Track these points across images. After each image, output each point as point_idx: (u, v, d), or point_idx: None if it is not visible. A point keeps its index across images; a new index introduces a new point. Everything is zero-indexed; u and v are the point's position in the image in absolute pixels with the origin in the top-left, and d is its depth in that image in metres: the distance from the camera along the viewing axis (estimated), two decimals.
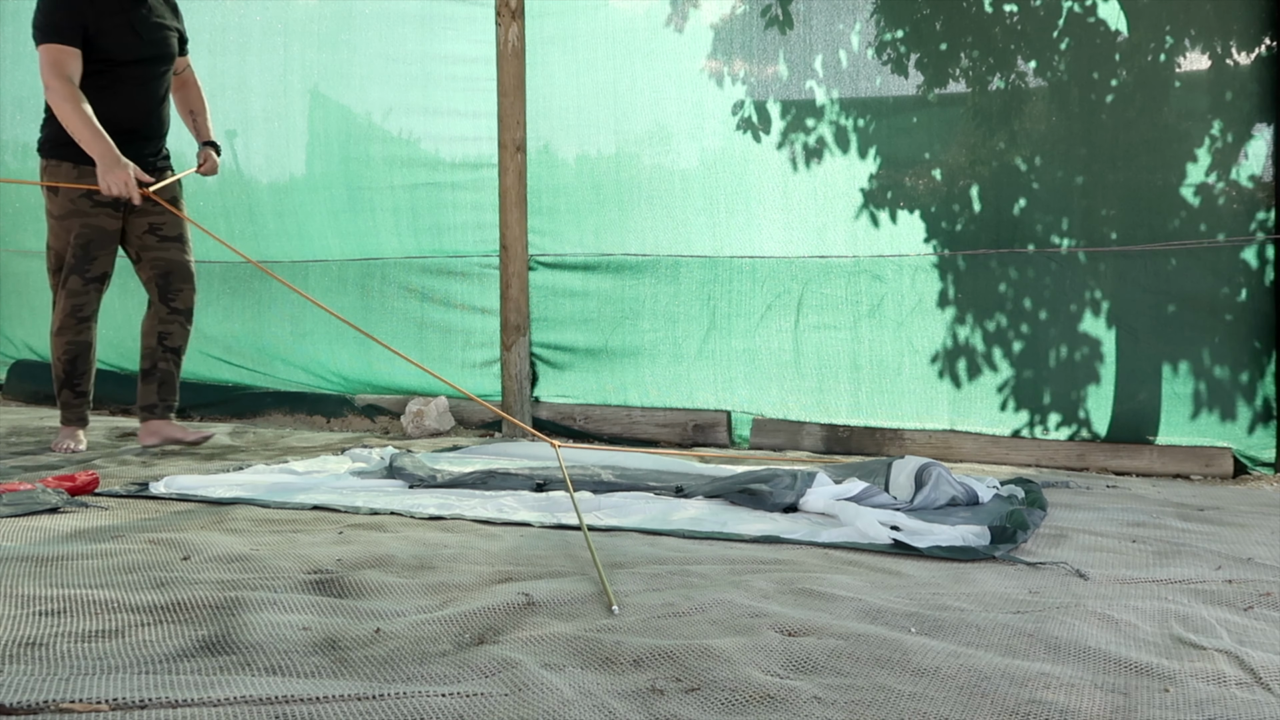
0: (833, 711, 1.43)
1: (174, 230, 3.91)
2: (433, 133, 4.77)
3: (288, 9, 4.96)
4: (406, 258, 4.82)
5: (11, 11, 5.50)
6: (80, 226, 3.74)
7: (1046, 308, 3.97)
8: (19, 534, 2.42)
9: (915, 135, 4.12)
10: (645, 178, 4.47)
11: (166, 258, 3.89)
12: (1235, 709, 1.46)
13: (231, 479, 3.23)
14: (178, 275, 3.91)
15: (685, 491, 3.06)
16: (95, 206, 3.74)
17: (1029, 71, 3.96)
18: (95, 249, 3.77)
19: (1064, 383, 3.95)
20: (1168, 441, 3.81)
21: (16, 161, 5.56)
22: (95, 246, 3.77)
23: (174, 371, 3.97)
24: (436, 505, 2.89)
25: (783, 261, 4.28)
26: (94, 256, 3.78)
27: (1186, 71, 3.78)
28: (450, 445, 4.19)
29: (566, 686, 1.48)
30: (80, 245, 3.75)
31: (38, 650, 1.62)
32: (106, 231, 3.78)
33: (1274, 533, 2.67)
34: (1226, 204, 3.73)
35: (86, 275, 3.78)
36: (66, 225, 3.76)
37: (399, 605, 1.89)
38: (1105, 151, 3.87)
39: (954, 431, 4.07)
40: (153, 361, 3.94)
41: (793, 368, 4.29)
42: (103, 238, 3.78)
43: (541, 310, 4.62)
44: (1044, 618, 1.86)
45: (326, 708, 1.39)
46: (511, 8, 4.49)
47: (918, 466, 2.95)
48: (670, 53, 4.41)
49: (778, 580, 2.09)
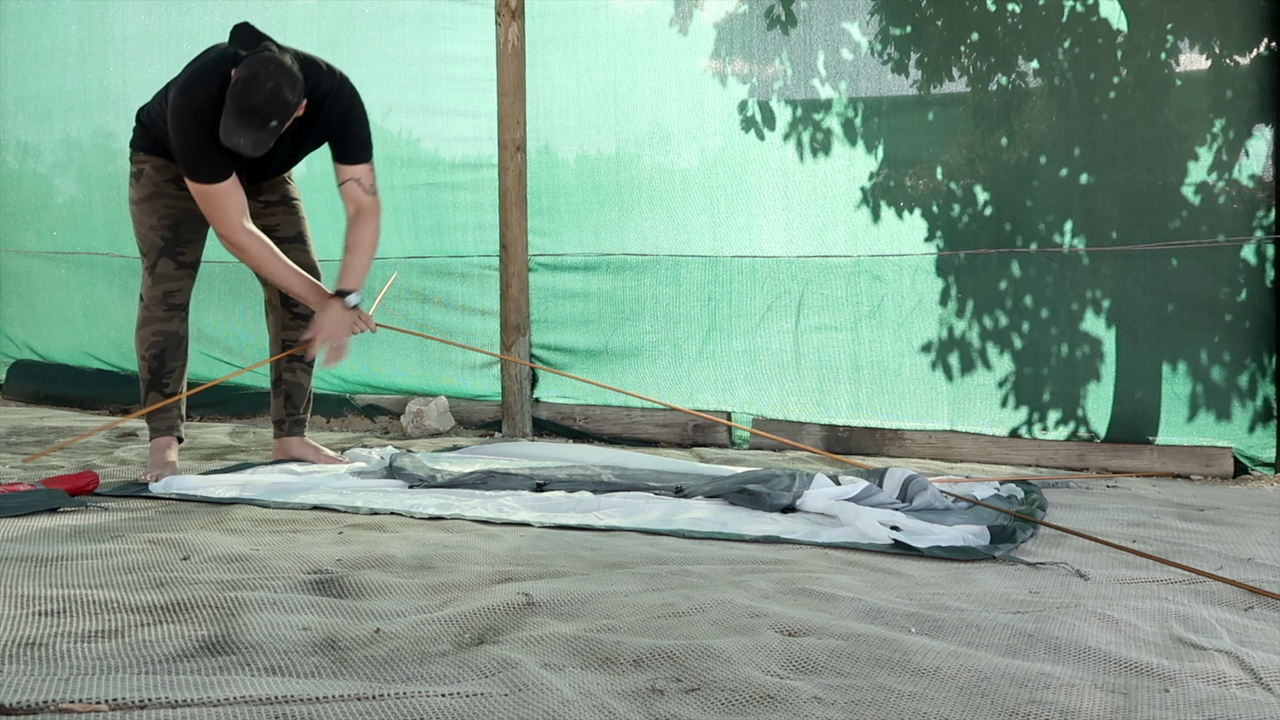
0: (833, 711, 1.43)
1: (291, 230, 3.55)
2: (433, 133, 4.77)
3: (287, 9, 4.96)
4: (406, 258, 4.82)
5: (14, 12, 5.49)
6: (164, 208, 3.34)
7: (1047, 307, 3.97)
8: (19, 534, 2.42)
9: (916, 134, 4.12)
10: (645, 178, 4.47)
11: (272, 223, 3.53)
12: (1235, 709, 1.46)
13: (231, 479, 3.23)
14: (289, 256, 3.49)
15: (685, 492, 3.06)
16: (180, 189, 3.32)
17: (1030, 70, 3.96)
18: (186, 231, 3.36)
19: (1064, 382, 3.95)
20: (1168, 441, 3.81)
21: (16, 161, 5.56)
22: (186, 229, 3.36)
23: (303, 382, 3.63)
24: (436, 505, 2.89)
25: (783, 261, 4.28)
26: (187, 240, 3.37)
27: (1187, 71, 3.78)
28: (450, 445, 4.19)
29: (566, 686, 1.48)
30: (169, 226, 3.34)
31: (38, 650, 1.62)
32: (195, 214, 3.34)
33: (1274, 533, 2.67)
34: (1227, 203, 3.73)
35: (180, 259, 3.36)
36: (150, 208, 3.35)
37: (399, 605, 1.89)
38: (1106, 150, 3.87)
39: (954, 431, 4.07)
40: (278, 372, 3.61)
41: (793, 368, 4.29)
42: (191, 220, 3.36)
43: (541, 311, 4.62)
44: (1044, 618, 1.86)
45: (326, 708, 1.39)
46: (511, 7, 4.49)
47: (904, 478, 2.94)
48: (671, 53, 4.41)
49: (778, 580, 2.09)
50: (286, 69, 3.07)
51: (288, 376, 3.60)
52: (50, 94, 5.44)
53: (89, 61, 5.30)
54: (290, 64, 3.10)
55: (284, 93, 3.04)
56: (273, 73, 3.03)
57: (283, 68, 3.06)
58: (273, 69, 3.04)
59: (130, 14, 5.21)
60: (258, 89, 3.01)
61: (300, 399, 3.64)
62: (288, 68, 3.07)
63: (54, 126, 5.45)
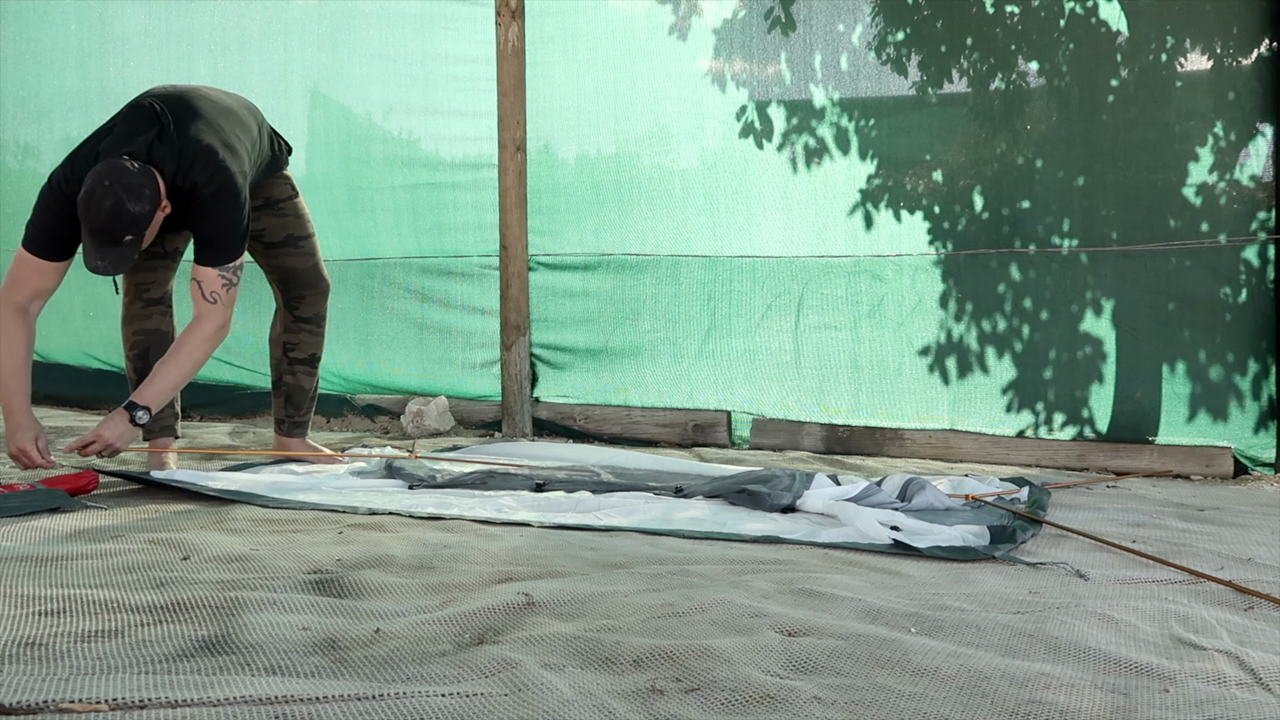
0: (833, 711, 1.43)
1: (277, 235, 3.43)
2: (433, 133, 4.77)
3: (287, 9, 4.96)
4: (406, 258, 4.82)
5: (13, 12, 5.49)
6: None
7: (1047, 308, 3.97)
8: (19, 534, 2.42)
9: (916, 135, 4.12)
10: (645, 177, 4.47)
11: (279, 265, 3.48)
12: (1235, 709, 1.46)
13: (231, 478, 3.23)
14: (296, 281, 3.49)
15: (685, 492, 3.06)
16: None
17: (1030, 72, 3.96)
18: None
19: (1064, 383, 3.95)
20: (1168, 441, 3.81)
21: (16, 162, 5.56)
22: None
23: (303, 384, 3.58)
24: (436, 505, 2.89)
25: (783, 261, 4.28)
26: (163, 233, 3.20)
27: (1187, 71, 3.78)
28: (450, 445, 4.19)
29: (566, 686, 1.48)
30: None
31: (37, 650, 1.62)
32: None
33: (1274, 533, 2.67)
34: (1227, 204, 3.73)
35: (150, 248, 3.22)
36: None
37: (399, 605, 1.89)
38: (1106, 151, 3.87)
39: (954, 431, 4.07)
40: (278, 374, 3.59)
41: (793, 368, 4.29)
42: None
43: (541, 311, 4.62)
44: (1044, 618, 1.86)
45: (326, 708, 1.39)
46: (511, 7, 4.49)
47: (904, 479, 2.94)
48: (671, 53, 4.41)
49: (778, 580, 2.09)
50: (126, 178, 2.85)
51: (288, 379, 3.58)
52: (50, 93, 5.44)
53: (89, 61, 5.30)
54: (129, 172, 2.87)
55: (126, 208, 2.84)
56: (109, 188, 2.83)
57: (121, 178, 2.84)
58: (108, 184, 2.83)
59: (129, 13, 5.21)
60: (96, 209, 2.83)
61: (302, 400, 3.62)
62: (127, 176, 2.85)
63: (53, 126, 5.45)
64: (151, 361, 3.30)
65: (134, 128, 3.01)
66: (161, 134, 2.99)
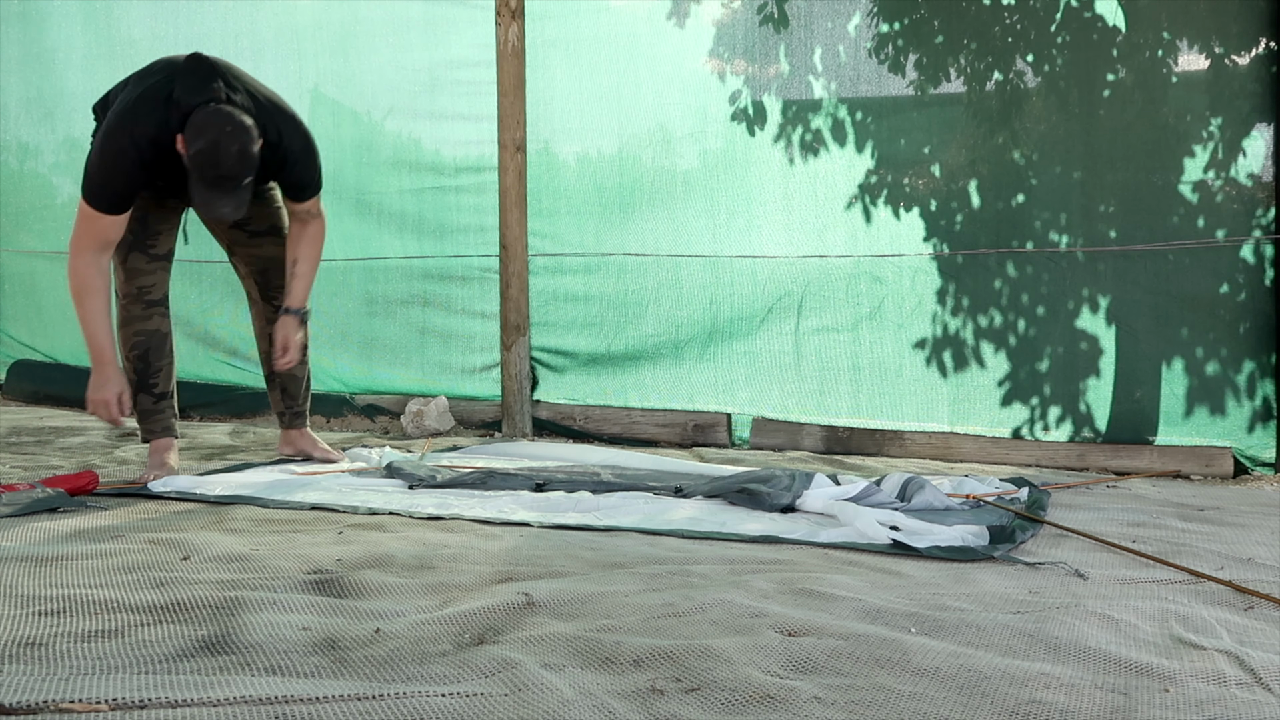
0: (833, 711, 1.43)
1: (264, 224, 3.47)
2: (436, 136, 4.77)
3: (293, 14, 4.97)
4: (407, 258, 4.83)
5: (17, 13, 5.50)
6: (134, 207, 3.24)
7: (1046, 307, 3.97)
8: (19, 534, 2.42)
9: (913, 134, 4.12)
10: (647, 179, 4.47)
11: (261, 254, 3.50)
12: (1235, 709, 1.46)
13: (230, 479, 3.23)
14: (276, 271, 3.49)
15: (685, 492, 3.06)
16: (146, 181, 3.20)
17: (1027, 69, 3.96)
18: (155, 222, 3.30)
19: (1064, 382, 3.95)
20: (1167, 441, 3.81)
21: (17, 162, 5.57)
22: (154, 220, 3.30)
23: (296, 373, 3.58)
24: (435, 505, 2.89)
25: (783, 263, 4.28)
26: (156, 231, 3.30)
27: (1185, 70, 3.78)
28: (450, 445, 4.19)
29: (566, 686, 1.48)
30: (137, 219, 3.23)
31: (38, 650, 1.62)
32: (162, 205, 3.30)
33: (1274, 533, 2.67)
34: (1226, 203, 3.73)
35: (151, 251, 3.30)
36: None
37: (399, 605, 1.89)
38: (1104, 149, 3.87)
39: (954, 432, 4.07)
40: (270, 367, 3.58)
41: (793, 370, 4.29)
42: (160, 211, 3.31)
43: (541, 314, 4.61)
44: (1044, 618, 1.86)
45: (326, 708, 1.39)
46: (511, 8, 4.49)
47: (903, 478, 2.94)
48: (671, 54, 4.41)
49: (778, 580, 2.09)
50: (240, 123, 3.00)
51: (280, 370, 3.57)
52: (53, 95, 5.45)
53: (95, 64, 5.30)
54: (238, 115, 3.02)
55: (250, 150, 3.00)
56: (231, 134, 2.96)
57: (237, 124, 2.99)
58: (229, 130, 2.97)
59: (136, 16, 5.22)
60: (224, 156, 2.95)
61: (297, 390, 3.64)
62: (240, 121, 3.00)
63: (55, 127, 5.46)
64: (152, 361, 3.33)
65: (199, 78, 3.10)
66: (228, 84, 3.12)
